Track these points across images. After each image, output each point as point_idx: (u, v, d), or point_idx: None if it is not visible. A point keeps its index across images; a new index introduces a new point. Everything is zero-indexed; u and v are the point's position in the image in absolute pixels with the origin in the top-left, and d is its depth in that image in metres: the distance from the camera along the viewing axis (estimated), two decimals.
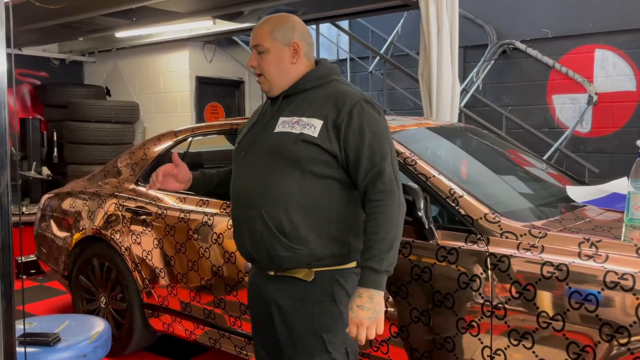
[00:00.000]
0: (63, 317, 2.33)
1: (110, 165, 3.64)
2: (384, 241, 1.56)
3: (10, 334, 1.56)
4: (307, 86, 1.72)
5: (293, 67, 1.72)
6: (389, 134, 1.70)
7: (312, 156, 1.63)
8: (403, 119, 2.94)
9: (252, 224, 1.68)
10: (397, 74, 6.73)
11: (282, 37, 1.71)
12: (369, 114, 1.65)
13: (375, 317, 1.55)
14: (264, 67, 1.72)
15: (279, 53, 1.70)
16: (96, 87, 7.34)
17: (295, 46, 1.72)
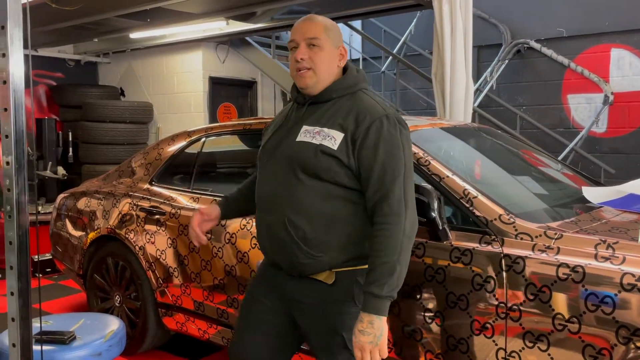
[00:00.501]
0: (78, 315, 2.35)
1: (125, 165, 3.67)
2: (385, 265, 1.56)
3: (27, 332, 1.58)
4: (333, 95, 1.72)
5: (336, 70, 1.73)
6: (407, 153, 1.67)
7: (330, 168, 1.63)
8: (416, 119, 2.93)
9: (274, 230, 1.70)
10: (410, 74, 6.71)
11: (334, 38, 1.73)
12: (387, 132, 1.63)
13: (377, 342, 1.56)
14: (316, 61, 1.69)
15: (331, 51, 1.71)
16: (111, 87, 7.41)
17: (342, 51, 1.75)
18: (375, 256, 1.58)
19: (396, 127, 1.66)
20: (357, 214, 1.67)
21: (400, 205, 1.60)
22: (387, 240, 1.57)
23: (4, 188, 1.55)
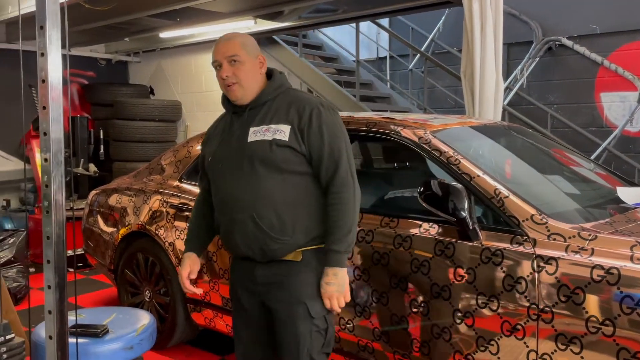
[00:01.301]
0: (110, 309, 2.40)
1: (155, 163, 3.73)
2: (342, 228, 1.83)
3: (63, 324, 1.62)
4: (267, 98, 1.93)
5: (260, 78, 1.95)
6: (344, 132, 1.93)
7: (287, 157, 1.85)
8: (446, 118, 2.90)
9: (243, 226, 1.88)
10: (437, 72, 6.64)
11: (252, 50, 1.92)
12: (326, 117, 1.88)
13: (341, 289, 1.86)
14: (241, 76, 1.89)
15: (252, 63, 1.91)
16: (140, 86, 7.52)
17: (261, 59, 1.95)
18: (334, 220, 1.84)
19: (332, 112, 1.92)
20: (315, 197, 1.89)
21: (348, 176, 1.86)
22: (343, 206, 1.84)
23: (42, 184, 1.59)
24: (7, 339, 1.61)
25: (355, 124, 2.68)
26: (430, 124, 2.56)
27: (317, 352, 1.89)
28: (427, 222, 2.25)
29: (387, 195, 2.81)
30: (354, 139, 2.96)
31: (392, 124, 2.56)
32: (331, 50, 7.56)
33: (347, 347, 2.45)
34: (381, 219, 2.38)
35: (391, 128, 2.54)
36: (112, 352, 2.04)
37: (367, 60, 7.45)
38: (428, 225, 2.23)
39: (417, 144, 2.41)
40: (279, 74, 2.00)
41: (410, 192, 2.53)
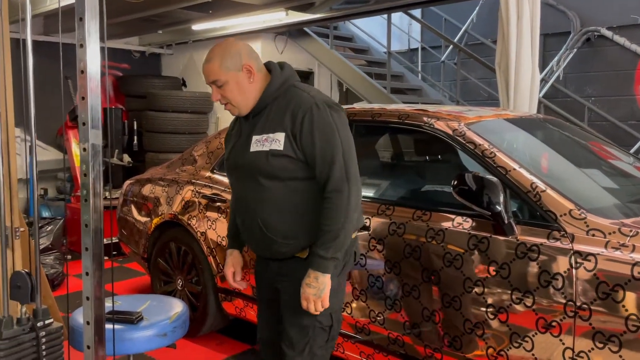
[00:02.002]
0: (144, 297, 2.44)
1: (187, 154, 3.77)
2: (329, 232, 1.78)
3: (100, 310, 1.66)
4: (268, 101, 1.87)
5: (253, 86, 1.86)
6: (342, 133, 1.82)
7: (284, 166, 1.82)
8: (480, 110, 2.85)
9: (252, 230, 1.93)
10: (470, 64, 6.53)
11: (233, 65, 1.82)
12: (318, 118, 1.80)
13: (319, 294, 1.81)
14: (229, 96, 1.85)
15: (236, 80, 1.83)
16: (173, 78, 7.62)
17: (247, 67, 1.84)
18: (323, 224, 1.79)
19: (326, 112, 1.81)
20: (318, 200, 1.84)
21: (342, 180, 1.78)
22: (332, 212, 1.78)
23: (80, 173, 1.62)
24: (46, 323, 1.65)
25: (388, 116, 2.66)
26: (464, 116, 2.52)
27: (318, 346, 1.90)
28: (460, 215, 2.22)
29: (419, 188, 2.78)
30: (385, 130, 2.96)
31: (425, 116, 2.52)
32: (362, 42, 7.51)
33: (377, 340, 2.44)
34: (413, 212, 2.36)
35: (424, 120, 2.50)
36: (146, 338, 2.08)
37: (399, 52, 7.38)
38: (461, 219, 2.20)
39: (451, 137, 2.38)
40: (278, 73, 1.89)
41: (443, 185, 2.49)
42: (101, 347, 1.67)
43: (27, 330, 1.60)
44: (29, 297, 1.62)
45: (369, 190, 2.78)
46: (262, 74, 1.88)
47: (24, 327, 1.60)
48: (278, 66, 1.91)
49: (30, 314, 1.65)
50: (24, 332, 1.60)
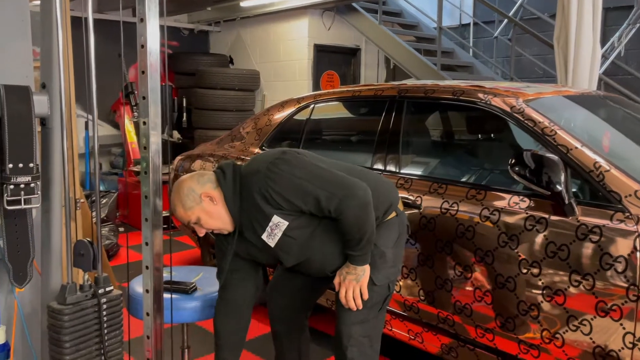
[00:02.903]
0: (197, 268, 2.50)
1: (236, 131, 3.81)
2: (353, 239, 1.84)
3: (159, 279, 1.71)
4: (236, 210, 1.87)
5: (220, 208, 1.87)
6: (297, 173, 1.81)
7: (307, 225, 1.86)
8: (540, 86, 2.74)
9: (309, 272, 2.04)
10: (525, 39, 6.28)
11: (193, 202, 1.86)
12: (277, 183, 1.80)
13: (358, 279, 1.88)
14: (210, 226, 1.90)
15: (203, 211, 1.86)
16: (221, 55, 7.69)
17: (205, 195, 1.86)
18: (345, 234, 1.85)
19: (276, 173, 1.80)
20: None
21: (336, 204, 1.78)
22: (348, 227, 1.82)
23: (140, 146, 1.66)
24: (107, 290, 1.71)
25: (441, 92, 2.59)
26: (523, 93, 2.43)
27: (372, 316, 1.96)
28: (516, 195, 2.15)
29: (473, 166, 2.72)
30: (438, 107, 2.89)
31: (482, 92, 2.45)
32: (411, 18, 7.35)
33: (426, 319, 2.43)
34: (467, 190, 2.31)
35: (480, 97, 2.43)
36: (200, 308, 2.13)
37: (450, 27, 7.17)
38: (518, 199, 2.14)
39: (509, 114, 2.30)
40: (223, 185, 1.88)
41: (498, 164, 2.42)
42: (159, 314, 1.73)
43: (89, 297, 1.67)
44: (91, 264, 1.68)
45: (420, 169, 2.74)
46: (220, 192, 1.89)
47: (87, 294, 1.67)
48: (221, 176, 1.89)
49: (92, 281, 1.71)
50: (87, 299, 1.66)
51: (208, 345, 3.00)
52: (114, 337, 1.72)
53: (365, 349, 1.95)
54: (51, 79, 1.72)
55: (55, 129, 1.74)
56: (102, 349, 1.69)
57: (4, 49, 1.72)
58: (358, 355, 1.93)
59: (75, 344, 1.62)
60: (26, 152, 1.61)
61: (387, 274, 1.95)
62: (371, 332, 1.96)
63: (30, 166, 1.62)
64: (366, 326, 1.94)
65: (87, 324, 1.66)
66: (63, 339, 1.60)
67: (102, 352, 1.69)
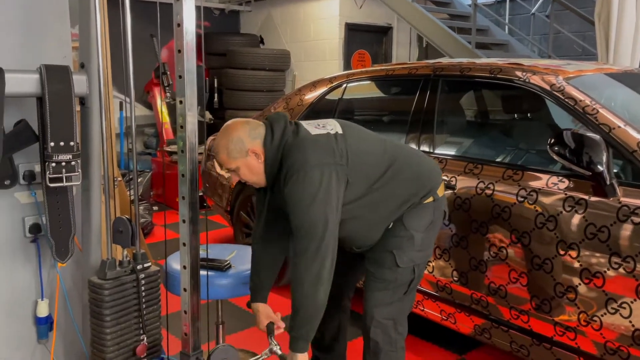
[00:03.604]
0: (231, 246, 2.53)
1: (268, 111, 3.82)
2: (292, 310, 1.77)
3: (195, 256, 1.74)
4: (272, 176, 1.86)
5: (262, 165, 1.86)
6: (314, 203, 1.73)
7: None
8: (580, 64, 2.66)
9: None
10: (563, 16, 6.07)
11: (238, 153, 1.84)
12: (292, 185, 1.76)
13: None
14: (245, 179, 1.90)
15: (246, 165, 1.85)
16: (251, 35, 7.68)
17: (252, 150, 1.84)
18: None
19: (306, 177, 1.74)
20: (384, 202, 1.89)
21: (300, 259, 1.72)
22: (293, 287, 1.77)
23: (177, 125, 1.68)
24: (145, 266, 1.75)
25: (478, 70, 2.54)
26: (563, 70, 2.35)
27: (396, 298, 1.95)
28: (555, 175, 2.10)
29: (509, 146, 2.66)
30: (474, 86, 2.83)
31: (520, 70, 2.38)
32: None
33: (459, 299, 2.42)
34: (503, 170, 2.26)
35: (518, 75, 2.37)
36: (234, 285, 2.17)
37: (485, 4, 6.98)
38: (557, 179, 2.09)
39: (548, 92, 2.24)
40: (269, 143, 1.83)
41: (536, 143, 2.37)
42: (196, 290, 1.77)
43: (128, 272, 1.71)
44: (129, 241, 1.72)
45: (454, 148, 2.70)
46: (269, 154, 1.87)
47: (126, 269, 1.71)
48: (269, 136, 1.84)
49: (130, 257, 1.75)
50: (126, 274, 1.71)
51: (242, 321, 3.06)
52: (152, 311, 1.77)
53: (389, 330, 1.94)
54: (90, 59, 1.74)
55: (94, 108, 1.77)
56: (141, 323, 1.74)
57: (43, 29, 1.75)
58: (382, 336, 1.93)
59: (115, 317, 1.68)
60: (67, 130, 1.64)
61: (412, 257, 1.91)
62: (396, 315, 1.95)
63: (71, 144, 1.66)
64: (391, 309, 1.93)
65: (127, 299, 1.71)
66: (104, 312, 1.65)
67: (141, 325, 1.74)
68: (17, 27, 1.69)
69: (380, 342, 1.93)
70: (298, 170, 1.75)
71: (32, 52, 1.73)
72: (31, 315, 1.81)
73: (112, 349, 1.67)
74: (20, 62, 1.68)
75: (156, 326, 1.80)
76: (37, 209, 1.76)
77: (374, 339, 1.93)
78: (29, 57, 1.71)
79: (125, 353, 1.72)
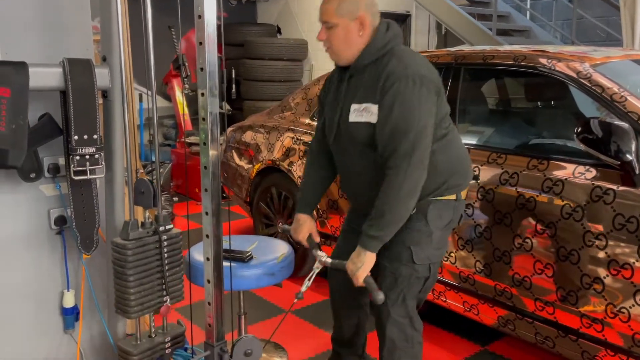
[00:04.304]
0: (252, 238, 2.54)
1: (287, 101, 3.80)
2: (377, 208, 1.74)
3: (218, 247, 1.74)
4: (366, 62, 1.80)
5: (359, 40, 1.79)
6: (423, 111, 1.72)
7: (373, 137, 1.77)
8: (607, 50, 2.59)
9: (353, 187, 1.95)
10: (586, 1, 5.93)
11: (348, 13, 1.76)
12: (405, 90, 1.70)
13: (355, 271, 1.78)
14: (332, 41, 1.80)
15: (346, 28, 1.77)
16: (268, 25, 7.64)
17: (361, 19, 1.77)
18: (376, 199, 1.75)
19: (416, 86, 1.71)
20: None
21: (402, 162, 1.70)
22: (386, 189, 1.73)
23: (199, 118, 1.67)
24: (167, 228, 1.74)
25: (502, 58, 2.49)
26: (590, 57, 2.30)
27: (411, 296, 1.90)
28: (581, 165, 2.06)
29: (534, 135, 2.61)
30: (497, 73, 2.78)
31: (545, 57, 2.33)
32: None
33: (482, 290, 2.39)
34: (528, 160, 2.22)
35: (543, 62, 2.32)
36: (256, 276, 2.18)
37: None
38: (583, 169, 2.05)
39: (574, 79, 2.18)
40: (382, 34, 1.80)
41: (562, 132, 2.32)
42: (219, 282, 1.77)
43: (150, 233, 1.71)
44: (151, 201, 1.72)
45: (477, 138, 2.66)
46: (373, 31, 1.81)
47: (148, 230, 1.70)
48: (385, 26, 1.83)
49: (152, 219, 1.75)
50: (148, 235, 1.70)
51: (262, 311, 3.07)
52: (174, 273, 1.76)
53: (405, 328, 1.91)
54: (111, 52, 1.74)
55: (116, 101, 1.78)
56: (164, 284, 1.73)
57: (64, 22, 1.76)
58: (398, 334, 1.90)
59: (138, 278, 1.67)
60: (90, 124, 1.65)
61: (429, 255, 1.88)
62: (412, 313, 1.92)
63: (94, 138, 1.67)
64: (406, 306, 1.90)
65: (150, 259, 1.69)
66: (127, 272, 1.65)
67: (164, 287, 1.73)
68: (39, 21, 1.70)
69: (396, 340, 1.90)
70: (409, 76, 1.71)
71: (54, 45, 1.73)
72: (57, 305, 1.84)
73: (136, 309, 1.66)
74: (42, 56, 1.69)
75: (178, 288, 1.79)
76: (61, 201, 1.78)
77: (390, 337, 1.90)
78: (50, 51, 1.72)
79: (149, 313, 1.72)
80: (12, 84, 1.51)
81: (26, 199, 1.73)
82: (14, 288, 1.74)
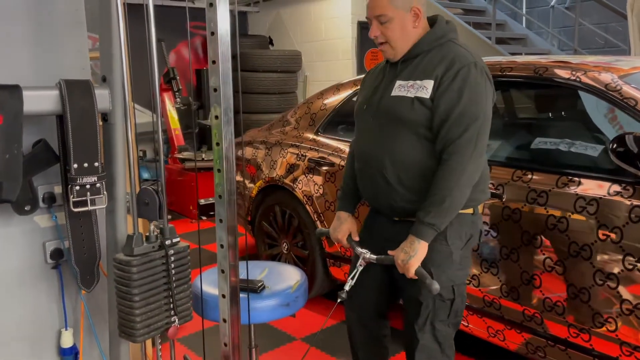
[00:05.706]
0: (260, 264, 2.38)
1: (288, 115, 3.66)
2: (435, 196, 1.66)
3: (236, 284, 1.59)
4: (423, 49, 1.76)
5: (415, 31, 1.75)
6: (488, 103, 1.70)
7: (427, 117, 1.69)
8: (631, 60, 2.48)
9: (376, 179, 1.81)
10: (584, 7, 5.89)
11: (403, 4, 1.72)
12: (474, 79, 1.67)
13: (407, 260, 1.69)
14: (389, 36, 1.75)
15: (402, 20, 1.72)
16: (261, 37, 7.52)
17: (416, 10, 1.73)
18: (433, 186, 1.67)
19: (482, 76, 1.69)
20: None
21: (468, 147, 1.65)
22: (446, 175, 1.66)
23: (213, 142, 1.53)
24: (174, 242, 1.60)
25: (520, 70, 2.37)
26: (616, 67, 2.19)
27: (439, 321, 1.80)
28: (617, 183, 1.94)
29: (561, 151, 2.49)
30: (516, 86, 2.66)
31: (568, 69, 2.22)
32: None
33: (509, 316, 2.26)
34: (557, 178, 2.10)
35: (567, 74, 2.20)
36: (271, 308, 2.01)
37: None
38: (619, 187, 1.93)
39: (604, 92, 2.07)
40: (443, 25, 1.79)
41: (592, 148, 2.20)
42: (237, 320, 1.62)
43: (156, 248, 1.56)
44: (157, 213, 1.57)
45: (498, 154, 2.53)
46: (424, 23, 1.79)
47: (154, 245, 1.56)
48: (443, 19, 1.82)
49: (157, 232, 1.60)
50: (154, 250, 1.55)
51: (271, 340, 2.91)
52: (182, 290, 1.61)
53: (435, 354, 1.82)
54: (112, 72, 1.60)
55: (117, 124, 1.63)
56: (171, 303, 1.58)
57: (59, 40, 1.61)
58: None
59: (144, 297, 1.52)
60: (91, 151, 1.51)
61: (451, 277, 1.78)
62: (442, 339, 1.82)
63: (95, 165, 1.52)
64: (435, 332, 1.80)
65: (156, 277, 1.55)
66: (132, 291, 1.50)
67: (172, 306, 1.58)
68: (32, 39, 1.55)
69: None
70: (478, 66, 1.69)
71: (49, 65, 1.59)
72: (55, 345, 1.68)
73: (142, 332, 1.51)
74: (36, 76, 1.55)
75: (187, 307, 1.64)
76: (57, 232, 1.62)
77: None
78: (45, 71, 1.57)
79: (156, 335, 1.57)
80: (5, 110, 1.36)
81: (19, 232, 1.58)
82: (8, 328, 1.58)
